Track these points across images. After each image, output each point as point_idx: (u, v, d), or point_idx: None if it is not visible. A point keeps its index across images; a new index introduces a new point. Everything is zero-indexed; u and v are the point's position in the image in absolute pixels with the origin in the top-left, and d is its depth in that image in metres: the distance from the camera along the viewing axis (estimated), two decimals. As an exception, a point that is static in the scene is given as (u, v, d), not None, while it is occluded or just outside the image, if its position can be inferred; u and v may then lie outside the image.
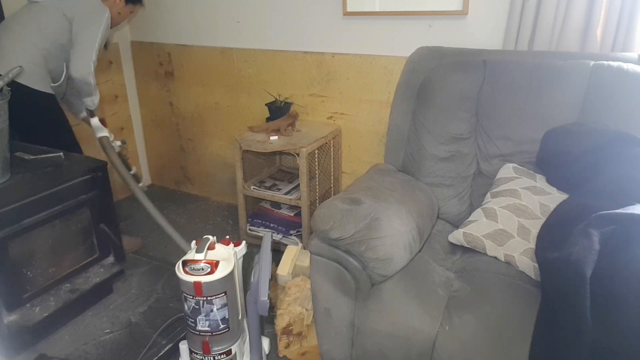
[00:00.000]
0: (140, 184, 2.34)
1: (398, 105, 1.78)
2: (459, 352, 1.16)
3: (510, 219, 1.41)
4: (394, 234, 1.31)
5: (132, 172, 2.26)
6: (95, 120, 1.99)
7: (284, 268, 1.85)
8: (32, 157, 1.75)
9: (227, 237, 1.30)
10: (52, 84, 1.91)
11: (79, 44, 1.87)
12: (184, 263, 1.18)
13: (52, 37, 1.85)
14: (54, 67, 1.89)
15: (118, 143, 2.13)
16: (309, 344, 1.66)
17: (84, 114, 2.09)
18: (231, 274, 1.20)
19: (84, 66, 1.86)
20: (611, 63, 1.48)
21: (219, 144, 2.78)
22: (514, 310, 1.18)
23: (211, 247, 1.22)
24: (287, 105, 2.32)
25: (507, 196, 1.47)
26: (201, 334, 1.22)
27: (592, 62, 1.50)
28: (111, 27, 2.06)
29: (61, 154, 1.76)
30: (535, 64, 1.57)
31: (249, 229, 2.36)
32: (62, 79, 1.92)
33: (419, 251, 1.44)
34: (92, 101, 1.98)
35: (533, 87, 1.55)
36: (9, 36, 1.85)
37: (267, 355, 1.40)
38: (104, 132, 1.97)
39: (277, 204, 2.39)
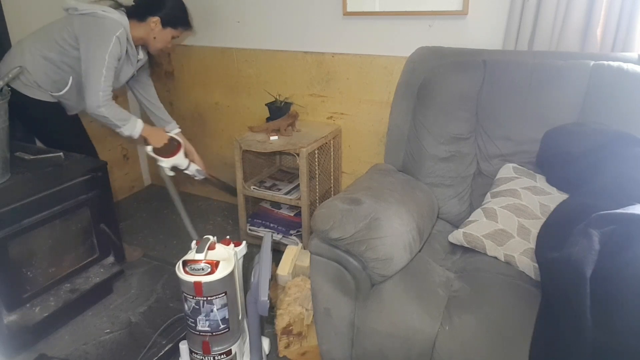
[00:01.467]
0: None
1: (398, 105, 1.78)
2: (459, 352, 1.16)
3: (510, 219, 1.41)
4: (394, 234, 1.31)
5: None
6: (147, 149, 1.88)
7: (284, 268, 1.85)
8: (32, 157, 1.75)
9: (228, 237, 1.30)
10: (55, 93, 1.83)
11: (84, 74, 1.73)
12: (184, 263, 1.18)
13: (57, 49, 1.77)
14: (59, 78, 1.81)
15: (194, 168, 2.07)
16: (309, 344, 1.66)
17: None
18: (231, 274, 1.20)
19: (90, 99, 1.71)
20: (611, 63, 1.48)
21: (219, 144, 2.78)
22: (514, 310, 1.18)
23: (211, 247, 1.22)
24: (287, 105, 2.32)
25: (507, 196, 1.47)
26: (201, 334, 1.22)
27: (592, 62, 1.50)
28: (152, 53, 1.98)
29: (61, 154, 1.76)
30: (535, 64, 1.57)
31: (249, 229, 2.36)
32: (64, 90, 1.83)
33: (419, 251, 1.44)
34: (123, 133, 1.82)
35: (533, 87, 1.55)
36: (21, 42, 1.83)
37: (267, 355, 1.40)
38: (161, 162, 1.91)
39: (277, 204, 2.39)
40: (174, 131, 2.18)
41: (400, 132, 1.77)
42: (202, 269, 1.16)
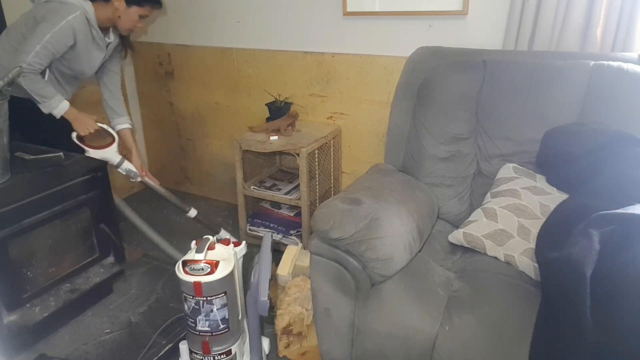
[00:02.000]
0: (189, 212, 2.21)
1: (398, 105, 1.78)
2: (459, 352, 1.16)
3: (510, 219, 1.41)
4: (394, 234, 1.31)
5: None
6: (72, 135, 1.82)
7: (284, 268, 1.85)
8: (32, 157, 1.74)
9: (227, 237, 1.30)
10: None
11: (23, 41, 1.68)
12: (184, 263, 1.18)
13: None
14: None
15: (127, 167, 1.93)
16: (309, 344, 1.66)
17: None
18: (231, 274, 1.20)
19: (12, 64, 1.64)
20: (611, 63, 1.48)
21: (219, 144, 2.78)
22: (514, 310, 1.18)
23: (211, 247, 1.22)
24: (287, 105, 2.32)
25: (507, 196, 1.47)
26: (201, 334, 1.22)
27: (592, 62, 1.50)
28: (122, 33, 1.92)
29: (61, 154, 1.76)
30: (535, 64, 1.57)
31: (249, 229, 2.36)
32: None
33: (419, 251, 1.44)
34: (41, 108, 1.76)
35: (533, 87, 1.55)
36: None
37: (267, 355, 1.40)
38: (87, 153, 1.82)
39: (277, 204, 2.39)
40: (122, 126, 2.09)
41: (400, 132, 1.77)
42: (202, 269, 1.16)
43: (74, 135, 1.83)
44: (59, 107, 1.79)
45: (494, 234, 1.40)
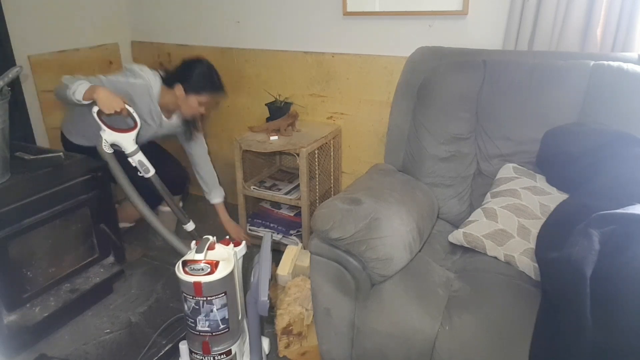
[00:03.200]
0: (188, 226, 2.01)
1: (398, 105, 1.78)
2: (459, 352, 1.16)
3: (510, 219, 1.41)
4: (394, 234, 1.31)
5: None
6: (93, 110, 1.69)
7: (284, 268, 1.85)
8: (32, 157, 1.74)
9: (227, 237, 1.30)
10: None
11: None
12: (184, 263, 1.17)
13: None
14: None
15: (138, 159, 1.73)
16: (309, 344, 1.66)
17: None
18: (231, 274, 1.20)
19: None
20: (611, 63, 1.48)
21: (219, 144, 2.78)
22: (514, 310, 1.18)
23: (211, 247, 1.22)
24: (287, 105, 2.32)
25: (507, 196, 1.47)
26: (201, 334, 1.22)
27: (592, 62, 1.50)
28: (185, 118, 2.03)
29: (61, 154, 1.76)
30: (535, 64, 1.57)
31: (249, 229, 2.36)
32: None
33: (419, 251, 1.44)
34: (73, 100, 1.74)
35: (533, 87, 1.55)
36: None
37: (267, 355, 1.40)
38: (102, 132, 1.68)
39: (277, 204, 2.39)
40: (215, 200, 2.28)
41: (400, 132, 1.77)
42: (202, 269, 1.16)
43: (94, 109, 1.69)
44: (78, 90, 1.68)
45: (494, 234, 1.40)
